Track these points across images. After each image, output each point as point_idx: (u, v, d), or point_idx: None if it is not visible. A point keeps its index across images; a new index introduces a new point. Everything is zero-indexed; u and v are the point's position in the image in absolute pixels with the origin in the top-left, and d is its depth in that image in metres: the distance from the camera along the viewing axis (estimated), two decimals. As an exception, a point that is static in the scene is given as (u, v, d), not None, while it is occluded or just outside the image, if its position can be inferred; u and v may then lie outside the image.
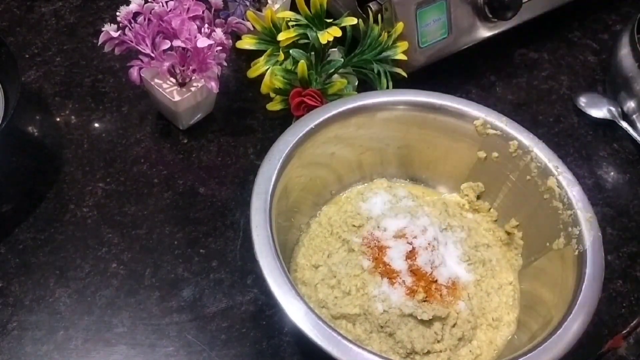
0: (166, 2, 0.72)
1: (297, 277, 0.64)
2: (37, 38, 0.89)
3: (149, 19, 0.71)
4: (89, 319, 0.65)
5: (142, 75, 0.74)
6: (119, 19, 0.71)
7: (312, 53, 0.75)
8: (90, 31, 0.90)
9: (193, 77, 0.75)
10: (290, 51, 0.75)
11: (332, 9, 0.83)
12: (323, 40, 0.74)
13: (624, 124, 0.83)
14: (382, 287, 0.61)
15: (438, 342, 0.59)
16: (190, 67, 0.73)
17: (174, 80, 0.76)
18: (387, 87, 0.77)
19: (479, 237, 0.68)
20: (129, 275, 0.68)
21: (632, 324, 0.68)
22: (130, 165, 0.77)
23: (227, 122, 0.81)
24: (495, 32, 0.84)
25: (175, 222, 0.72)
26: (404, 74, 0.78)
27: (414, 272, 0.62)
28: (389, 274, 0.61)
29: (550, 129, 0.84)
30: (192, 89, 0.75)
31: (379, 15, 0.78)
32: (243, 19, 0.77)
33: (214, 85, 0.73)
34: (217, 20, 0.75)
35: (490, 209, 0.71)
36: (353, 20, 0.76)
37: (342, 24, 0.75)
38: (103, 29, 0.70)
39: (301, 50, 0.75)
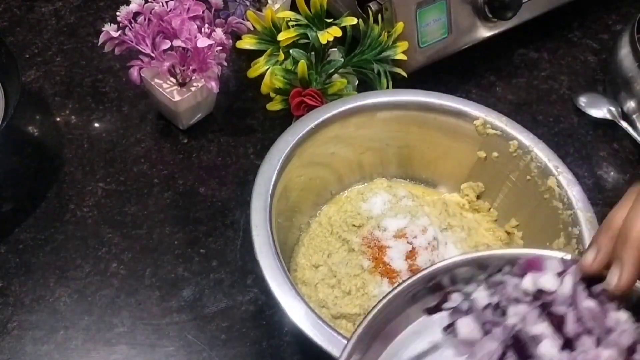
0: (166, 2, 0.72)
1: (297, 277, 0.64)
2: (37, 38, 0.89)
3: (149, 19, 0.71)
4: (89, 319, 0.65)
5: (142, 75, 0.74)
6: (119, 18, 0.71)
7: (312, 53, 0.75)
8: (90, 31, 0.90)
9: (193, 77, 0.75)
10: (290, 51, 0.75)
11: (332, 9, 0.83)
12: (323, 40, 0.74)
13: (624, 124, 0.83)
14: (382, 287, 0.61)
15: (438, 342, 0.59)
16: (191, 67, 0.73)
17: (174, 80, 0.76)
18: (387, 87, 0.77)
19: (479, 237, 0.68)
20: (129, 275, 0.68)
21: (632, 324, 0.68)
22: (130, 165, 0.77)
23: (227, 122, 0.81)
24: (495, 32, 0.84)
25: (175, 222, 0.72)
26: (404, 73, 0.78)
27: (414, 272, 0.62)
28: (389, 274, 0.61)
29: (550, 129, 0.84)
30: (192, 89, 0.75)
31: (379, 15, 0.78)
32: (243, 19, 0.77)
33: (214, 85, 0.73)
34: (217, 20, 0.75)
35: (490, 209, 0.71)
36: (353, 20, 0.76)
37: (342, 24, 0.75)
38: (103, 29, 0.70)
39: (301, 50, 0.75)
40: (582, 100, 0.86)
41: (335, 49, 0.78)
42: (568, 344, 0.41)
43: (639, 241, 0.41)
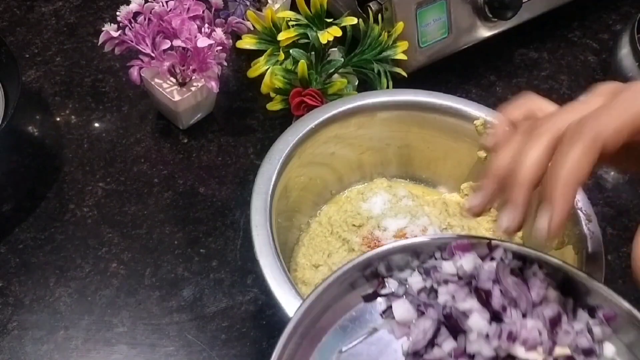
0: (166, 2, 0.72)
1: (297, 277, 0.64)
2: (37, 38, 0.89)
3: (149, 19, 0.71)
4: (89, 319, 0.65)
5: (142, 75, 0.74)
6: (119, 18, 0.71)
7: (312, 53, 0.75)
8: (91, 31, 0.90)
9: (193, 77, 0.75)
10: (291, 51, 0.75)
11: (332, 8, 0.83)
12: (323, 40, 0.74)
13: (624, 124, 0.83)
14: (382, 286, 0.61)
15: (438, 341, 0.59)
16: (191, 67, 0.73)
17: (174, 80, 0.76)
18: (387, 87, 0.77)
19: (479, 237, 0.68)
20: (129, 275, 0.68)
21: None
22: (131, 165, 0.77)
23: (227, 122, 0.81)
24: (495, 32, 0.84)
25: (175, 221, 0.72)
26: (404, 73, 0.78)
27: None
28: (389, 274, 0.61)
29: (550, 129, 0.84)
30: (192, 88, 0.75)
31: (379, 15, 0.78)
32: (243, 19, 0.78)
33: (214, 85, 0.73)
34: (217, 20, 0.75)
35: (490, 208, 0.71)
36: (353, 20, 0.76)
37: (342, 24, 0.75)
38: (103, 28, 0.70)
39: (301, 50, 0.75)
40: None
41: (335, 49, 0.78)
42: (496, 317, 0.43)
43: (528, 182, 0.42)
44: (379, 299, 0.47)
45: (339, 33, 0.74)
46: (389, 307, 0.46)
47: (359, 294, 0.47)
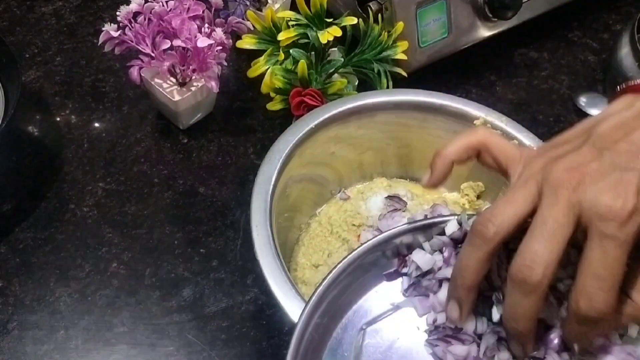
0: (166, 2, 0.72)
1: (297, 277, 0.64)
2: (37, 38, 0.89)
3: (149, 19, 0.71)
4: (89, 319, 0.65)
5: (142, 75, 0.74)
6: (119, 18, 0.71)
7: (312, 53, 0.75)
8: (91, 31, 0.90)
9: (193, 77, 0.75)
10: (291, 51, 0.75)
11: (333, 8, 0.83)
12: (323, 40, 0.74)
13: (624, 124, 0.83)
14: (382, 286, 0.61)
15: (438, 341, 0.60)
16: (191, 67, 0.73)
17: (174, 80, 0.76)
18: (387, 87, 0.77)
19: (479, 237, 0.68)
20: (129, 275, 0.68)
21: (632, 324, 0.68)
22: (131, 164, 0.77)
23: (227, 122, 0.81)
24: (495, 31, 0.84)
25: (175, 221, 0.72)
26: (404, 73, 0.78)
27: (414, 271, 0.62)
28: (389, 274, 0.61)
29: (550, 129, 0.84)
30: (192, 88, 0.75)
31: (379, 15, 0.78)
32: (243, 19, 0.78)
33: (214, 85, 0.73)
34: (217, 20, 0.75)
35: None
36: (353, 20, 0.76)
37: (342, 24, 0.75)
38: (103, 28, 0.70)
39: (301, 50, 0.75)
40: (582, 100, 0.86)
41: (335, 49, 0.78)
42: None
43: (467, 286, 0.42)
44: (402, 278, 0.48)
45: (339, 33, 0.74)
46: (411, 286, 0.47)
47: (381, 272, 0.48)
